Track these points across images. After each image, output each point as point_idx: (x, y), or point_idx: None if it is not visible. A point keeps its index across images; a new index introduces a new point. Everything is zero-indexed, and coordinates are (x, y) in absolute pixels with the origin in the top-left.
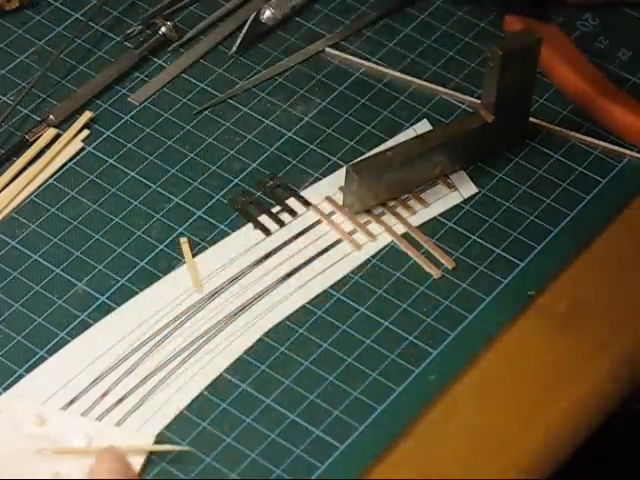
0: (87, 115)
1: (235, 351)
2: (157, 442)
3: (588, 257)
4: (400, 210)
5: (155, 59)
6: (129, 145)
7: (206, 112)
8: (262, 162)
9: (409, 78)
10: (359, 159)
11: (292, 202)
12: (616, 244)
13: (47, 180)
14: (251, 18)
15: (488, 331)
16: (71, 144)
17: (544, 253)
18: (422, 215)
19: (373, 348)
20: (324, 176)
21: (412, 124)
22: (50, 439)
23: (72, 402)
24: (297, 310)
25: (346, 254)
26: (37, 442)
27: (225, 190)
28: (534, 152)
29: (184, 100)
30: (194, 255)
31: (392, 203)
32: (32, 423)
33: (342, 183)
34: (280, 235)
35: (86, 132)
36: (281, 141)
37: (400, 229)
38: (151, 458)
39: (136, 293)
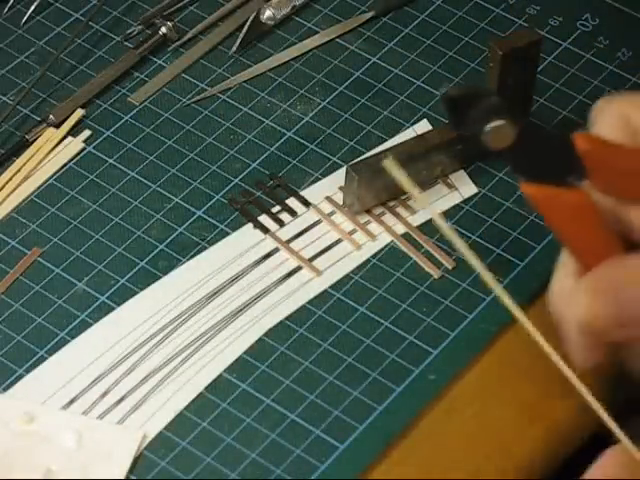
0: (78, 113)
1: (235, 351)
2: (156, 442)
3: None
4: (400, 210)
5: (155, 59)
6: (129, 145)
7: (206, 112)
8: (262, 162)
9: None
10: (359, 159)
11: (292, 202)
12: None
13: (47, 180)
14: (251, 18)
15: (488, 331)
16: (72, 144)
17: (544, 253)
18: (422, 215)
19: (373, 348)
20: (324, 176)
21: (412, 124)
22: (39, 436)
23: (72, 402)
24: (297, 310)
25: (346, 254)
26: (26, 440)
27: (225, 190)
28: None
29: (184, 100)
30: (193, 255)
31: (392, 203)
32: (20, 421)
33: (342, 183)
34: (280, 235)
35: (87, 132)
36: (281, 141)
37: (400, 229)
38: (151, 458)
39: (136, 293)
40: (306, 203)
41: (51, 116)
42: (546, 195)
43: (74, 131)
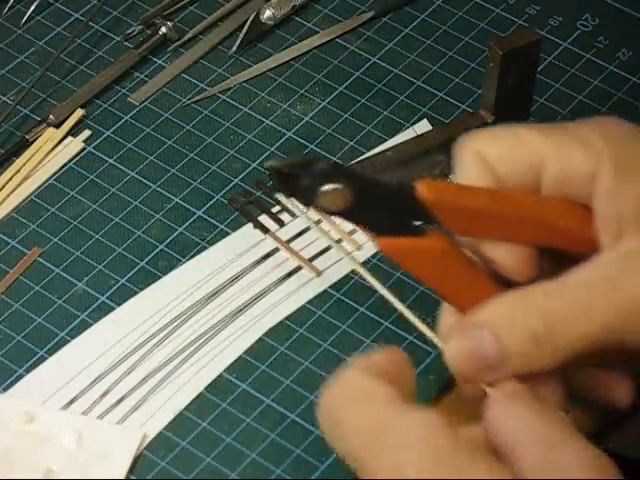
0: (78, 113)
1: (235, 351)
2: (156, 442)
3: None
4: None
5: (155, 59)
6: (129, 145)
7: (206, 112)
8: (262, 162)
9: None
10: (359, 159)
11: (292, 202)
12: None
13: (47, 180)
14: (251, 18)
15: None
16: (72, 144)
17: None
18: None
19: (373, 348)
20: None
21: (412, 124)
22: (39, 436)
23: (72, 402)
24: (297, 310)
25: (346, 254)
26: (26, 440)
27: (225, 190)
28: None
29: (184, 100)
30: (193, 255)
31: None
32: (20, 421)
33: None
34: (280, 235)
35: (87, 132)
36: (281, 141)
37: None
38: (151, 458)
39: (136, 293)
40: None
41: (51, 116)
42: (400, 247)
43: (74, 131)
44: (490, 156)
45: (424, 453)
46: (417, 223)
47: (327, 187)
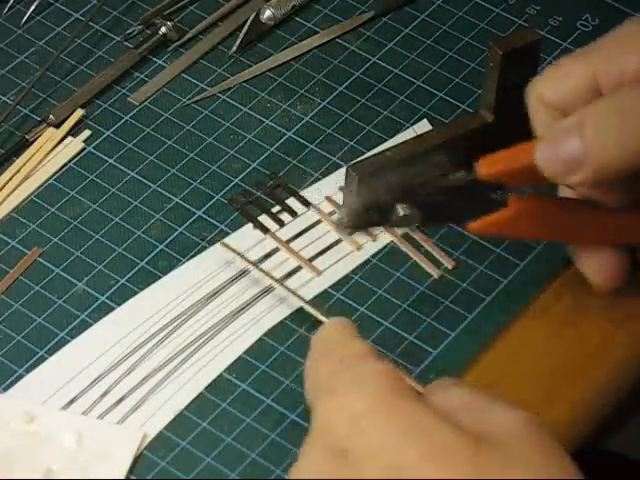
0: (78, 113)
1: (235, 351)
2: (156, 442)
3: None
4: None
5: (155, 59)
6: (129, 145)
7: (206, 112)
8: (262, 162)
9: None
10: (359, 159)
11: (292, 202)
12: None
13: (47, 180)
14: (251, 18)
15: (488, 331)
16: (72, 144)
17: (544, 253)
18: None
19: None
20: (324, 176)
21: (412, 124)
22: (39, 436)
23: (72, 402)
24: (297, 310)
25: (346, 254)
26: (26, 440)
27: (225, 190)
28: None
29: (184, 100)
30: (193, 255)
31: None
32: (20, 421)
33: (342, 183)
34: (280, 235)
35: (87, 132)
36: (281, 141)
37: (400, 229)
38: (151, 458)
39: (136, 293)
40: (306, 203)
41: (51, 116)
42: (488, 226)
43: (74, 131)
44: (549, 97)
45: (380, 399)
46: (496, 195)
47: (398, 212)
